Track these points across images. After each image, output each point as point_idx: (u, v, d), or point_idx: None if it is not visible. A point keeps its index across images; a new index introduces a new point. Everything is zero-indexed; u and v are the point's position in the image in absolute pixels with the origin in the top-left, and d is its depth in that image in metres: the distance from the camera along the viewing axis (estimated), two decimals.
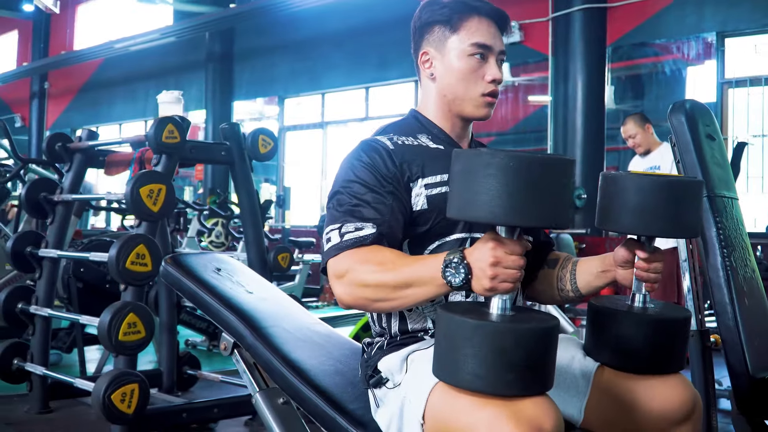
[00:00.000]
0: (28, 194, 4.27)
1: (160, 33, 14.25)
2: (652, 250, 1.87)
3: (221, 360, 5.98)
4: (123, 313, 3.42)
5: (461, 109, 2.00)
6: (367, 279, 1.73)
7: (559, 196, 1.54)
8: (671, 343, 1.91)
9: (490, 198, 1.50)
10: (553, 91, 9.36)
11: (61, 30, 19.21)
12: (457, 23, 1.95)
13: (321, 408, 1.96)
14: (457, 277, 1.60)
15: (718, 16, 8.50)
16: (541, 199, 1.51)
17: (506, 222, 1.54)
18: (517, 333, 1.53)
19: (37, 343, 4.18)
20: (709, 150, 2.74)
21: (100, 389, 3.34)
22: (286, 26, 13.02)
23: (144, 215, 3.63)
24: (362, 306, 1.78)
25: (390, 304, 1.74)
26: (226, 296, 2.26)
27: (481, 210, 1.52)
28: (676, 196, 1.79)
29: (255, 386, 2.22)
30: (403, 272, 1.69)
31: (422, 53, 2.03)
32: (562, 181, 1.54)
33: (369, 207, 1.81)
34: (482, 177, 1.52)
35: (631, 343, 1.89)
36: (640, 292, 1.93)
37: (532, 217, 1.52)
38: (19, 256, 4.21)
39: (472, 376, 1.54)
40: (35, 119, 19.45)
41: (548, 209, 1.52)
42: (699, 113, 2.78)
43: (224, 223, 9.18)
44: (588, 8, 8.93)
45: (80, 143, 4.29)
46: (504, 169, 1.50)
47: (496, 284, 1.56)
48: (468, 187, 1.55)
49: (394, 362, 1.86)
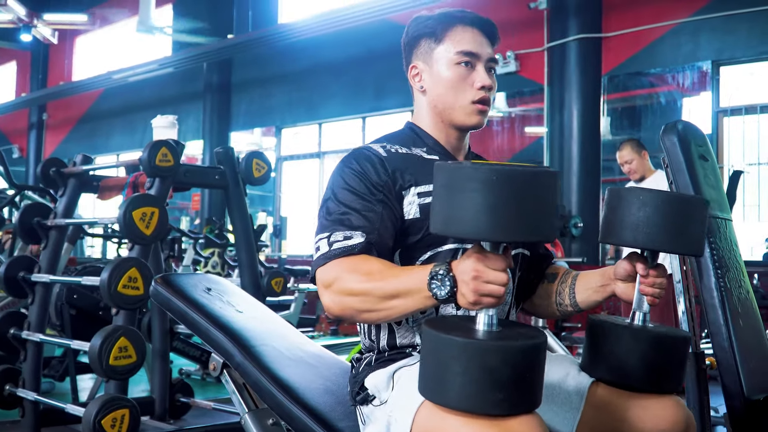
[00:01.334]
0: (21, 219, 4.25)
1: (159, 64, 14.30)
2: (654, 265, 1.84)
3: (215, 389, 5.94)
4: (114, 337, 3.40)
5: (452, 118, 2.00)
6: (354, 288, 1.71)
7: (543, 209, 1.51)
8: (669, 362, 1.89)
9: (474, 213, 1.48)
10: (549, 121, 9.39)
11: (59, 61, 19.29)
12: (441, 34, 1.98)
13: (310, 427, 1.94)
14: (442, 290, 1.58)
15: (714, 45, 8.54)
16: (525, 213, 1.48)
17: (490, 238, 1.52)
18: (505, 351, 1.50)
19: (29, 368, 4.14)
20: (702, 171, 2.73)
21: (90, 414, 3.31)
22: (284, 57, 13.08)
23: (137, 238, 3.61)
24: (349, 316, 1.75)
25: (377, 315, 1.71)
26: (215, 315, 2.24)
27: (464, 225, 1.49)
28: (680, 211, 1.78)
29: (244, 407, 2.21)
30: (390, 283, 1.67)
31: (411, 67, 2.06)
32: (546, 193, 1.51)
33: (358, 215, 1.81)
34: (465, 191, 1.49)
35: (628, 360, 1.87)
36: (641, 309, 1.89)
37: (516, 232, 1.49)
38: (11, 281, 4.18)
39: (460, 395, 1.51)
40: (33, 150, 19.47)
41: (532, 223, 1.49)
42: (691, 134, 2.77)
43: (220, 252, 9.16)
44: (583, 38, 8.98)
45: (74, 168, 4.28)
46: (487, 183, 1.47)
47: (479, 298, 1.53)
48: (451, 201, 1.52)
49: (381, 379, 1.85)
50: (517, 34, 9.93)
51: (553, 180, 1.52)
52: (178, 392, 4.60)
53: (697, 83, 8.77)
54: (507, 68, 10.00)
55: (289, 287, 8.19)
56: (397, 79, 11.43)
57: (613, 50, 9.06)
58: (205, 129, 14.35)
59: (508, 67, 9.97)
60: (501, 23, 7.99)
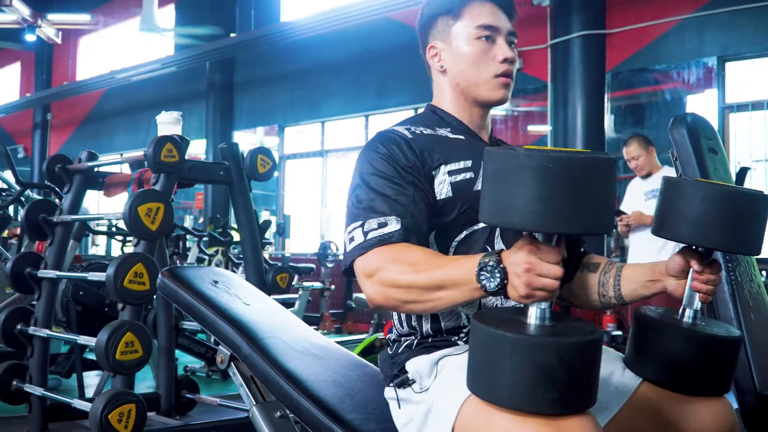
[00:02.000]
0: (27, 215, 4.25)
1: (161, 63, 14.30)
2: (710, 262, 1.78)
3: (221, 386, 5.95)
4: (120, 332, 3.39)
5: (477, 94, 1.97)
6: (398, 279, 1.65)
7: (600, 199, 1.42)
8: (720, 364, 1.82)
9: (526, 203, 1.39)
10: (553, 119, 9.36)
11: (63, 61, 19.31)
12: (459, 10, 1.96)
13: (318, 418, 1.93)
14: (492, 282, 1.50)
15: (719, 40, 8.51)
16: (581, 203, 1.40)
17: (544, 229, 1.44)
18: (560, 348, 1.41)
19: (36, 364, 4.14)
20: (711, 164, 2.71)
21: (97, 409, 3.31)
22: (286, 55, 13.07)
23: (142, 234, 3.61)
24: (393, 306, 1.70)
25: (421, 306, 1.65)
26: (222, 307, 2.24)
27: (516, 216, 1.41)
28: (743, 208, 1.69)
29: (252, 399, 2.20)
30: (436, 274, 1.60)
31: (429, 48, 2.04)
32: (603, 182, 1.42)
33: (390, 200, 1.75)
34: (518, 180, 1.40)
35: (678, 361, 1.80)
36: (692, 306, 1.82)
37: (572, 224, 1.40)
38: (18, 277, 4.18)
39: (511, 393, 1.44)
40: (38, 150, 19.49)
41: (589, 213, 1.41)
42: (701, 127, 2.76)
43: (224, 250, 9.15)
44: (587, 35, 8.96)
45: (80, 164, 4.28)
46: (542, 172, 1.38)
47: (532, 292, 1.46)
48: (502, 190, 1.44)
49: (424, 364, 1.80)
50: (519, 31, 9.83)
51: (611, 167, 1.44)
52: (184, 388, 4.61)
53: (702, 79, 8.74)
54: None
55: (294, 285, 8.19)
56: (399, 77, 11.50)
57: (617, 47, 9.04)
58: (208, 128, 14.34)
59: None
60: None
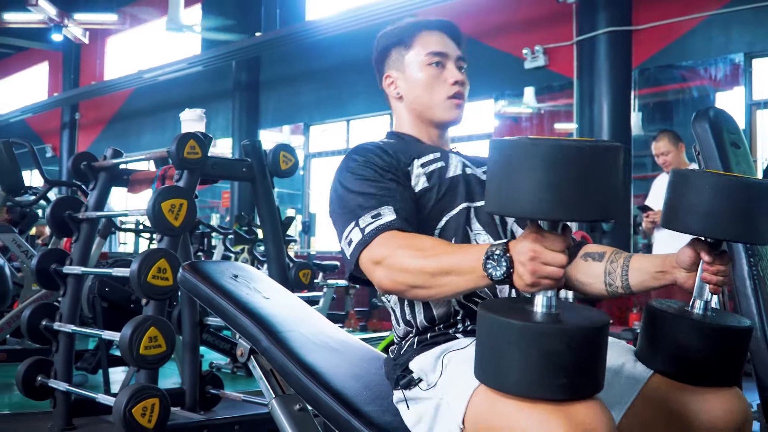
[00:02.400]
0: (53, 212, 4.28)
1: (188, 62, 14.38)
2: (720, 253, 1.79)
3: (245, 382, 5.97)
4: (144, 326, 3.42)
5: (432, 115, 2.10)
6: (407, 264, 1.68)
7: (608, 187, 1.42)
8: (731, 354, 1.82)
9: (532, 191, 1.40)
10: (579, 116, 9.33)
11: (91, 61, 19.46)
12: (410, 40, 2.12)
13: (336, 411, 1.94)
14: (498, 270, 1.52)
15: (746, 37, 8.44)
16: (588, 192, 1.40)
17: (550, 217, 1.44)
18: (568, 334, 1.42)
19: (61, 359, 4.18)
20: (734, 158, 2.69)
21: (121, 403, 3.33)
22: (311, 54, 13.10)
23: (165, 230, 3.64)
24: (401, 291, 1.73)
25: (428, 291, 1.67)
26: (242, 301, 2.25)
27: (522, 204, 1.42)
28: (753, 199, 1.69)
29: (271, 392, 2.21)
30: (444, 260, 1.63)
31: (386, 77, 2.20)
32: (609, 169, 1.43)
33: (376, 196, 1.82)
34: (524, 169, 1.41)
35: (689, 352, 1.80)
36: (702, 297, 1.83)
37: (579, 211, 1.41)
38: (43, 273, 4.22)
39: (520, 380, 1.44)
40: (66, 149, 19.65)
41: (596, 202, 1.41)
42: (723, 121, 2.74)
43: (249, 248, 9.20)
44: (613, 31, 8.92)
45: (105, 162, 4.31)
46: (547, 160, 1.39)
47: (537, 280, 1.47)
48: (508, 179, 1.44)
49: (428, 362, 1.83)
50: (545, 28, 9.89)
51: (618, 155, 1.45)
52: (208, 384, 4.62)
53: (729, 76, 8.67)
54: (536, 62, 9.96)
55: (319, 283, 8.21)
56: None
57: (644, 43, 8.99)
58: (234, 127, 14.41)
59: (537, 61, 9.93)
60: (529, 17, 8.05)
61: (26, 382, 4.18)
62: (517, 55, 10.19)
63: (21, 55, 22.14)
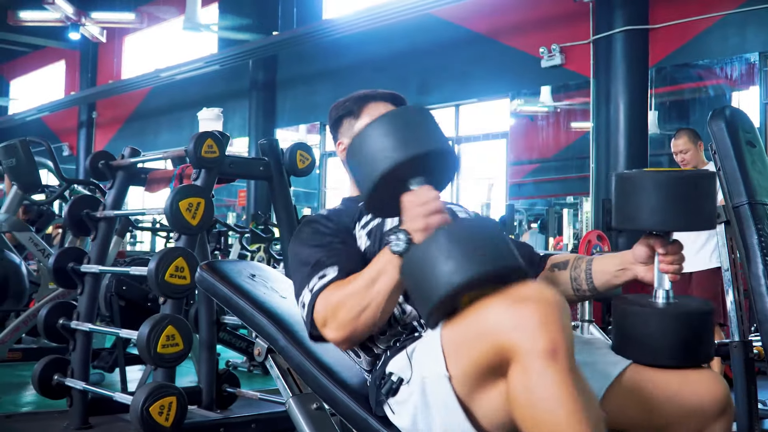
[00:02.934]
0: (70, 211, 4.31)
1: (205, 62, 14.40)
2: (671, 243, 1.93)
3: (262, 380, 5.99)
4: (162, 325, 3.45)
5: None
6: (340, 300, 1.85)
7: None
8: (698, 335, 1.92)
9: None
10: (595, 114, 9.29)
11: (108, 60, 19.52)
12: (358, 111, 2.27)
13: (352, 409, 1.96)
14: (400, 241, 1.73)
15: (761, 36, 8.41)
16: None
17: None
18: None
19: (78, 358, 4.20)
20: (749, 157, 2.69)
21: (138, 401, 3.36)
22: (328, 53, 13.10)
23: (183, 228, 3.66)
24: (352, 329, 1.85)
25: (373, 305, 1.82)
26: (259, 301, 2.27)
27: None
28: (691, 189, 1.86)
29: (288, 391, 2.22)
30: (365, 273, 1.83)
31: (338, 144, 2.34)
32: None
33: (324, 257, 1.97)
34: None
35: (659, 340, 1.90)
36: (663, 287, 1.94)
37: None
38: (61, 272, 4.25)
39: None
40: (83, 148, 19.70)
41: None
42: (739, 120, 2.74)
43: (266, 247, 9.22)
44: (630, 30, 8.88)
45: (122, 161, 4.34)
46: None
47: (427, 222, 1.70)
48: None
49: (401, 359, 1.89)
50: (562, 27, 9.87)
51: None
52: (225, 383, 4.64)
53: (745, 75, 8.64)
54: (552, 61, 9.94)
55: None
56: (441, 74, 11.50)
57: (660, 42, 8.95)
58: (250, 126, 14.43)
59: (554, 60, 9.91)
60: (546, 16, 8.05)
61: (42, 381, 4.21)
62: (533, 53, 10.17)
63: (38, 54, 22.21)
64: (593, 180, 9.20)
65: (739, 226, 2.62)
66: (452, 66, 11.37)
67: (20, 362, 5.98)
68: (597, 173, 9.14)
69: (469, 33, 11.13)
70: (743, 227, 2.63)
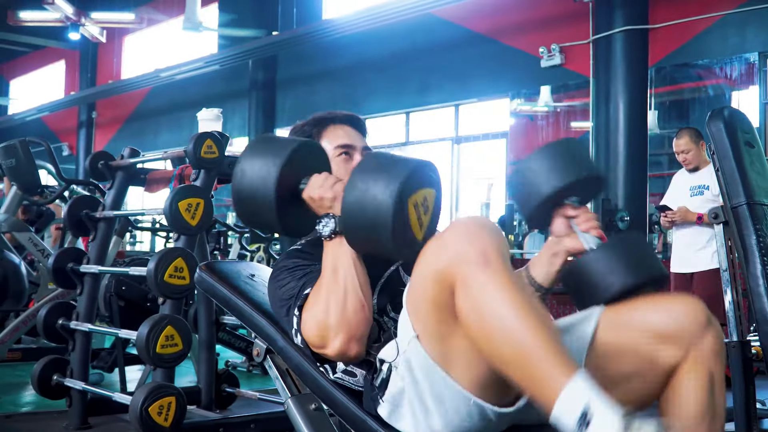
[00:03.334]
0: (70, 211, 4.31)
1: (204, 62, 14.40)
2: (579, 204, 2.04)
3: (261, 381, 5.98)
4: (161, 325, 3.45)
5: None
6: (321, 305, 1.89)
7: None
8: (637, 252, 2.03)
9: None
10: (595, 114, 9.29)
11: (108, 60, 19.52)
12: (318, 136, 2.27)
13: (351, 410, 1.95)
14: (328, 225, 1.91)
15: (761, 36, 8.42)
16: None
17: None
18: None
19: (77, 358, 4.20)
20: (748, 157, 2.70)
21: (137, 402, 3.36)
22: (328, 53, 13.10)
23: (182, 229, 3.66)
24: (350, 327, 1.87)
25: (352, 294, 1.87)
26: (258, 301, 2.27)
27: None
28: (568, 153, 2.00)
29: (287, 392, 2.22)
30: (324, 270, 1.92)
31: None
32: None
33: (305, 278, 2.01)
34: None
35: (605, 272, 1.96)
36: (590, 244, 2.00)
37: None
38: (60, 272, 4.25)
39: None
40: (83, 148, 19.69)
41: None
42: (738, 121, 2.75)
43: (265, 247, 9.22)
44: (629, 29, 8.88)
45: (122, 161, 4.34)
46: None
47: (327, 192, 1.92)
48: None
49: (390, 346, 1.87)
50: (562, 27, 9.87)
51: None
52: (224, 383, 4.64)
53: (744, 75, 8.65)
54: (552, 61, 9.94)
55: None
56: (441, 73, 11.50)
57: (660, 42, 8.95)
58: (250, 126, 14.43)
59: (553, 60, 9.91)
60: (546, 16, 8.04)
61: (42, 381, 4.20)
62: (533, 53, 10.17)
63: (37, 54, 22.21)
64: None
65: (738, 227, 2.63)
66: (452, 66, 11.37)
67: (20, 362, 5.98)
68: None
69: (469, 33, 11.13)
70: (741, 227, 2.63)
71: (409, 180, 1.77)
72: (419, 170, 1.83)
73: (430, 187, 1.86)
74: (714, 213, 2.74)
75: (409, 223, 1.79)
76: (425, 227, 1.85)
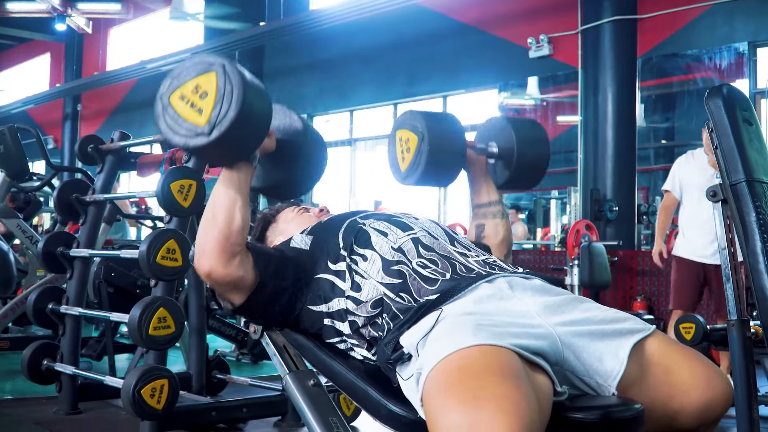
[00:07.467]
0: (60, 195, 4.28)
1: (191, 52, 14.30)
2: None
3: (250, 369, 5.97)
4: (153, 307, 3.42)
5: None
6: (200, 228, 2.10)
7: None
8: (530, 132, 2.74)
9: None
10: (583, 106, 9.28)
11: (93, 51, 19.41)
12: (275, 217, 2.53)
13: (351, 381, 1.93)
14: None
15: (750, 26, 8.44)
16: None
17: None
18: None
19: (67, 342, 4.17)
20: (746, 135, 2.68)
21: (129, 384, 3.32)
22: (315, 44, 13.06)
23: (174, 210, 3.63)
24: (200, 245, 2.07)
25: (207, 217, 2.06)
26: None
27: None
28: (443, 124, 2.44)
29: (285, 368, 2.19)
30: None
31: (272, 245, 2.39)
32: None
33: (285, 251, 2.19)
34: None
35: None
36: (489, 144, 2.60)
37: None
38: (49, 256, 4.21)
39: None
40: (68, 141, 19.58)
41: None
42: (736, 98, 2.72)
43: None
44: (618, 20, 8.88)
45: (112, 144, 4.31)
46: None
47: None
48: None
49: (414, 335, 1.79)
50: (550, 17, 9.87)
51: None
52: (215, 369, 4.62)
53: (734, 66, 8.66)
54: (540, 52, 9.94)
55: None
56: (428, 65, 11.49)
57: (649, 32, 8.96)
58: None
59: (542, 50, 9.91)
60: (534, 6, 8.01)
61: (32, 366, 4.18)
62: (521, 44, 10.17)
63: (23, 47, 22.09)
64: (581, 171, 9.18)
65: (737, 204, 2.61)
66: (440, 57, 11.36)
67: (7, 351, 5.94)
68: (585, 164, 9.12)
69: (457, 23, 11.12)
70: (741, 205, 2.61)
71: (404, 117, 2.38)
72: (414, 116, 2.37)
73: (413, 132, 2.33)
74: (712, 191, 2.73)
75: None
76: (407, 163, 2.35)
